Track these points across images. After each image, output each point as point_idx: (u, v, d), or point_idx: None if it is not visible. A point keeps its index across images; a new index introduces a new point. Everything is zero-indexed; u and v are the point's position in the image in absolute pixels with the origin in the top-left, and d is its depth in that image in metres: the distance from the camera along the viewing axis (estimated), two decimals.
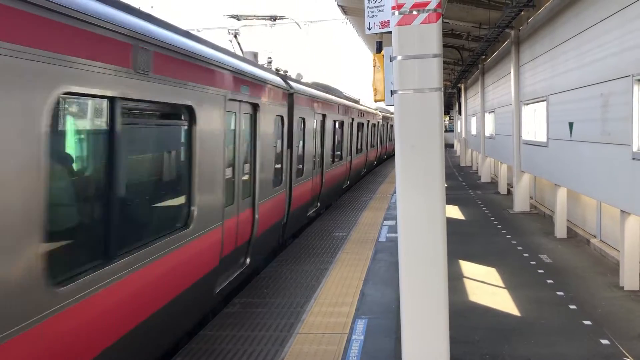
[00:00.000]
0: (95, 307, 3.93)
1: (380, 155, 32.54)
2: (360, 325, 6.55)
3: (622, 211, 8.20)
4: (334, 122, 15.39)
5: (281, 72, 10.89)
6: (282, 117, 9.75)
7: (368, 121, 24.00)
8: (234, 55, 7.59)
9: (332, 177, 15.29)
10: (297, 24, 16.70)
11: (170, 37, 5.17)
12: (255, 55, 10.74)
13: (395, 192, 19.43)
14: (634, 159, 7.57)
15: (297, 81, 11.97)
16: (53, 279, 3.48)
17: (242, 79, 7.20)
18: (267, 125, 8.54)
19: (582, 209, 11.90)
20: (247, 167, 7.75)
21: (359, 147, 21.13)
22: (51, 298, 3.44)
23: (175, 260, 5.19)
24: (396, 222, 4.60)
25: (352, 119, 19.03)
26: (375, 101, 6.06)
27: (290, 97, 10.32)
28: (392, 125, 36.48)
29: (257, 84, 8.05)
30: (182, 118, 5.62)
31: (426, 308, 4.35)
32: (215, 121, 6.21)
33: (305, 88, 12.15)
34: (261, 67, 9.08)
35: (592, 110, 9.26)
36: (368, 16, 5.86)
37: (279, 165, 9.62)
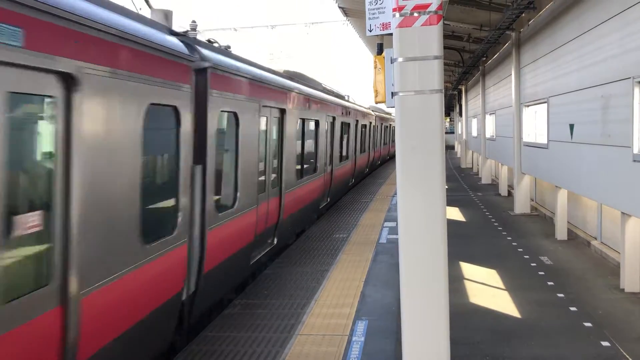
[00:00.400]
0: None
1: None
2: (361, 326, 6.56)
3: (623, 213, 8.20)
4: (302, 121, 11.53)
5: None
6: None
7: (357, 121, 20.26)
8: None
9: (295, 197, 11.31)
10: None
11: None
12: (167, 15, 6.67)
13: (395, 194, 19.36)
14: (634, 160, 7.57)
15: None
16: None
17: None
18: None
19: (582, 210, 11.90)
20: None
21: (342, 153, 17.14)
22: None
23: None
24: (397, 224, 4.60)
25: (333, 117, 15.07)
26: (376, 103, 6.07)
27: None
28: (386, 127, 33.81)
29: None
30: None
31: (427, 309, 4.35)
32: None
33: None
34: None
35: (593, 112, 9.27)
36: (369, 18, 5.87)
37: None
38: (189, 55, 5.95)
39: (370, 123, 24.57)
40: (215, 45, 7.45)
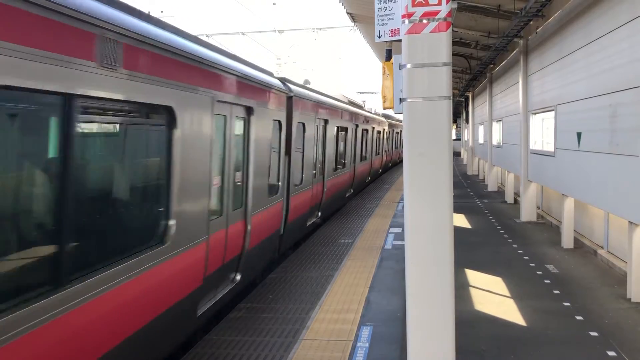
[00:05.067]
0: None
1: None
2: (366, 332, 6.54)
3: (630, 222, 8.16)
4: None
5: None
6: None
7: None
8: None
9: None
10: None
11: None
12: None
13: (401, 200, 19.16)
14: None
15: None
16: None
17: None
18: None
19: (589, 219, 11.84)
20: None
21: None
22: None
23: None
24: (402, 230, 4.60)
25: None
26: (385, 109, 6.09)
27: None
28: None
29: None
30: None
31: (432, 316, 4.34)
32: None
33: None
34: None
35: (601, 121, 9.24)
36: (378, 24, 5.89)
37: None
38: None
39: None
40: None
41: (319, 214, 13.49)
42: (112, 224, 4.67)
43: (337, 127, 15.24)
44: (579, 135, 10.49)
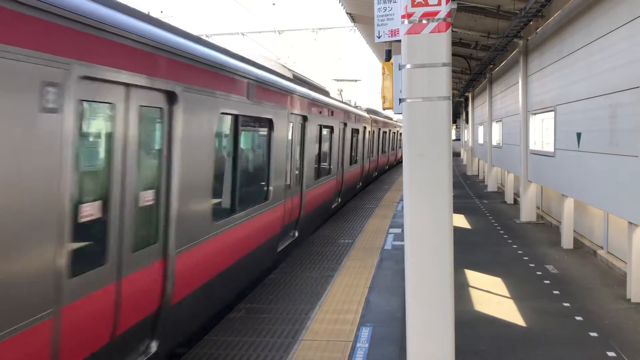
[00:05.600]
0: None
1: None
2: (365, 332, 6.54)
3: (630, 223, 8.16)
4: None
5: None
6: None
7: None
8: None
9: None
10: None
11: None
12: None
13: (401, 200, 19.12)
14: None
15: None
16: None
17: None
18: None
19: (589, 219, 11.85)
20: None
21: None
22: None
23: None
24: (402, 230, 4.60)
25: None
26: (384, 109, 6.09)
27: None
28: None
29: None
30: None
31: (432, 317, 4.34)
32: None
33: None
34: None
35: (601, 121, 9.24)
36: (377, 24, 5.89)
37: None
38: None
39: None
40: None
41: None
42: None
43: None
44: (578, 135, 10.49)
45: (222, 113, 6.42)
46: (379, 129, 26.27)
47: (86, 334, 4.11)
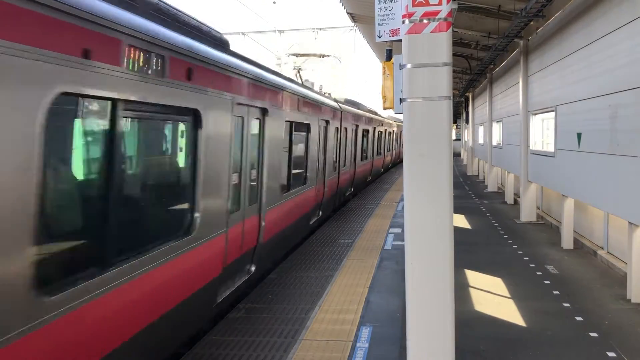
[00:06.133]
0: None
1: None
2: (365, 332, 6.53)
3: (630, 223, 8.16)
4: None
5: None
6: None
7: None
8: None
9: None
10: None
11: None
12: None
13: (401, 200, 19.07)
14: None
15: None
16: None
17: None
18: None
19: (589, 220, 11.84)
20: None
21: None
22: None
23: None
24: (402, 230, 4.60)
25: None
26: (384, 109, 6.08)
27: None
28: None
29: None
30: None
31: (432, 317, 4.33)
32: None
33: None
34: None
35: (601, 121, 9.24)
36: (378, 24, 5.89)
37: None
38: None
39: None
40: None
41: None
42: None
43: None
44: (579, 135, 10.49)
45: None
46: (355, 126, 18.77)
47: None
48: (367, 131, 22.05)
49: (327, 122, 13.68)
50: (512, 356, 6.12)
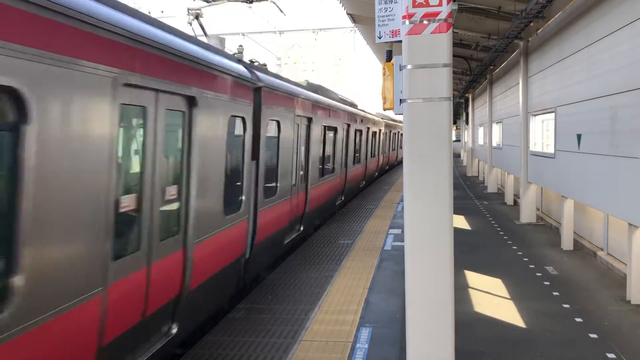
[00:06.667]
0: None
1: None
2: (365, 333, 6.53)
3: (630, 224, 8.16)
4: None
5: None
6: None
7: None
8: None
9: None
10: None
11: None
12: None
13: (401, 201, 19.00)
14: None
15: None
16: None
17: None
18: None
19: (589, 221, 11.84)
20: None
21: None
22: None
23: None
24: (402, 231, 4.61)
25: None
26: (385, 109, 6.08)
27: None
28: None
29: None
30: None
31: (432, 318, 4.33)
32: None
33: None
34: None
35: (601, 123, 9.24)
36: (378, 25, 5.89)
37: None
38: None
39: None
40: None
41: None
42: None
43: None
44: (579, 137, 10.49)
45: None
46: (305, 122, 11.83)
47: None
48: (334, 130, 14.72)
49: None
50: (511, 357, 6.12)
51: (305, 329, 6.66)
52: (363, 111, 21.71)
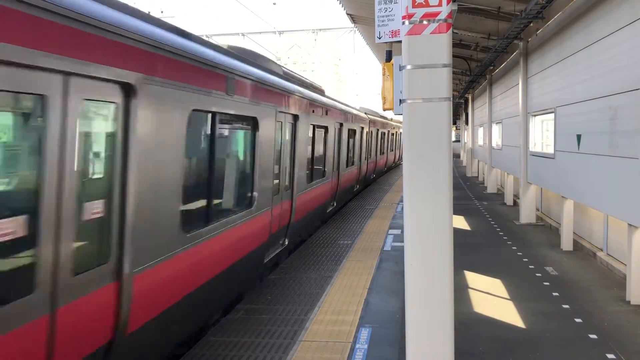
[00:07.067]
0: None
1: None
2: (365, 334, 6.53)
3: (630, 225, 8.16)
4: None
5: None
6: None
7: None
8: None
9: None
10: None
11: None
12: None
13: (400, 201, 19.01)
14: None
15: None
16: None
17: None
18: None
19: (588, 221, 11.84)
20: None
21: None
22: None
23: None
24: (401, 231, 4.61)
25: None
26: (384, 110, 6.08)
27: None
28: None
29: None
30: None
31: (432, 318, 4.33)
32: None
33: None
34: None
35: (601, 123, 9.24)
36: (378, 25, 5.89)
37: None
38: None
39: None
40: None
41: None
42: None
43: None
44: (578, 137, 10.49)
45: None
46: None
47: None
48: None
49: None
50: (511, 357, 6.11)
51: (304, 330, 6.66)
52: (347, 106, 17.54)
